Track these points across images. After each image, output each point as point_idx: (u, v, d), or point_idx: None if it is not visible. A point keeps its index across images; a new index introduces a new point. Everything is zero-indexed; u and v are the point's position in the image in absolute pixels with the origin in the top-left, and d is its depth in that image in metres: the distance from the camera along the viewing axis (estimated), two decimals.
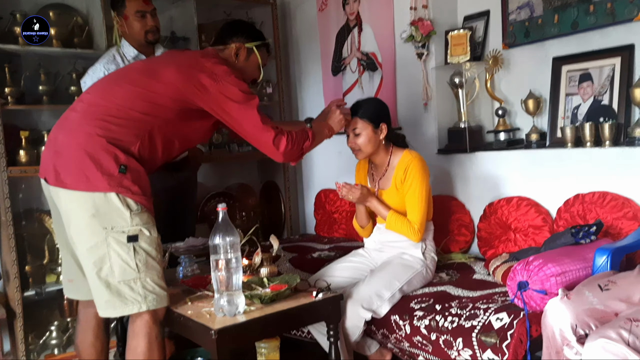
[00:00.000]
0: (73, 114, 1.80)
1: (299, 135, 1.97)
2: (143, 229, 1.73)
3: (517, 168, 2.59)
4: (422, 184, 2.22)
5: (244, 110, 1.86)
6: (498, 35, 2.75)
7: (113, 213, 1.70)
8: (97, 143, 1.71)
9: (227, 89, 1.84)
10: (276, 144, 1.90)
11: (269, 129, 1.89)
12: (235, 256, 1.75)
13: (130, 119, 1.76)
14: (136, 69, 1.90)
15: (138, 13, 2.44)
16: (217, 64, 1.88)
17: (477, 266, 2.48)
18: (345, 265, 2.38)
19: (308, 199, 3.87)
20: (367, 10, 3.20)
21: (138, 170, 1.76)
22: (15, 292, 2.67)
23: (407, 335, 2.04)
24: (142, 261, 1.72)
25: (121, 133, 1.74)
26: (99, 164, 1.69)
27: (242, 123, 1.89)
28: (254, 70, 2.09)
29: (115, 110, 1.76)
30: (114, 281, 1.70)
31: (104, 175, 1.69)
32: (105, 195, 1.69)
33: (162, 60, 1.98)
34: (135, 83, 1.82)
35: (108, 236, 1.69)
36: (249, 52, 2.06)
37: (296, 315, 1.85)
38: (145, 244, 1.73)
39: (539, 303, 1.82)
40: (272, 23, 3.61)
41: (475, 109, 2.83)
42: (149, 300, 1.73)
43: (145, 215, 1.75)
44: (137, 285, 1.71)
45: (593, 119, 2.35)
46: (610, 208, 2.22)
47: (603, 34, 2.37)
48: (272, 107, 3.69)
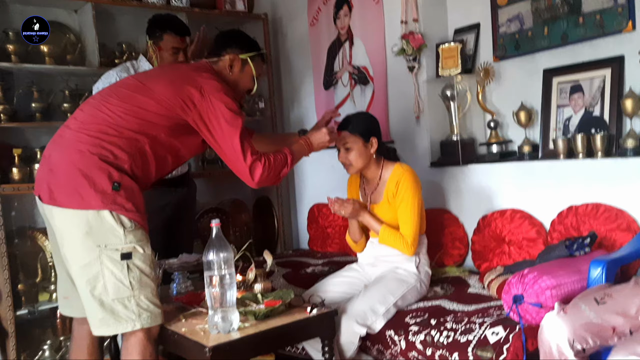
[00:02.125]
0: (67, 131, 1.80)
1: (277, 162, 1.92)
2: (137, 247, 1.72)
3: (510, 180, 2.59)
4: (413, 197, 2.22)
5: (226, 131, 1.83)
6: (489, 48, 2.77)
7: (106, 231, 1.68)
8: (90, 161, 1.70)
9: (214, 105, 1.82)
10: (252, 171, 1.86)
11: (247, 155, 1.85)
12: (229, 272, 1.74)
13: (123, 137, 1.76)
14: (127, 85, 1.89)
15: (174, 49, 2.53)
16: (208, 79, 1.87)
17: (472, 280, 2.47)
18: (339, 280, 2.37)
19: (301, 214, 3.86)
20: (358, 25, 3.23)
21: (132, 188, 1.74)
22: (7, 311, 2.65)
23: (403, 350, 2.02)
24: (135, 279, 1.70)
25: (114, 151, 1.73)
26: (92, 181, 1.68)
27: (222, 144, 1.86)
28: (248, 81, 2.06)
29: (108, 127, 1.75)
30: (107, 299, 1.68)
31: (97, 193, 1.68)
32: (98, 212, 1.68)
33: (153, 76, 1.97)
34: (126, 100, 1.81)
35: (102, 254, 1.68)
36: (243, 63, 2.02)
37: (291, 331, 1.83)
38: (139, 262, 1.72)
39: (535, 316, 1.81)
40: (264, 38, 3.63)
41: (467, 122, 2.84)
42: (143, 318, 1.71)
43: (139, 232, 1.74)
44: (131, 303, 1.69)
45: (585, 131, 2.36)
46: (603, 219, 2.22)
47: (593, 46, 2.39)
48: (265, 122, 3.70)
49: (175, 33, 2.53)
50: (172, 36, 2.53)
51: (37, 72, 2.90)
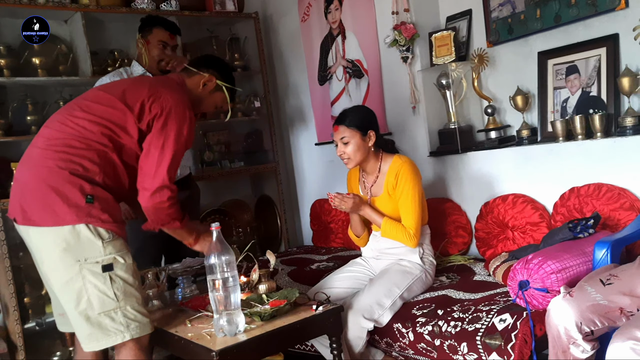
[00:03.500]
0: (35, 150, 1.77)
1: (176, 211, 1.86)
2: (117, 257, 1.71)
3: (510, 165, 2.58)
4: (414, 188, 2.21)
5: (162, 151, 1.78)
6: (482, 34, 2.75)
7: (85, 244, 1.67)
8: (60, 176, 1.68)
9: (168, 125, 1.79)
10: (159, 191, 1.78)
11: (165, 178, 1.78)
12: (232, 275, 1.73)
13: (91, 149, 1.74)
14: (91, 97, 1.87)
15: (161, 43, 2.56)
16: (176, 101, 1.83)
17: (477, 267, 2.47)
18: (344, 275, 2.36)
19: (303, 211, 3.85)
20: (350, 18, 3.21)
21: (106, 199, 1.73)
22: (15, 324, 2.65)
23: (411, 342, 2.02)
24: (120, 290, 1.69)
25: (83, 163, 1.71)
26: (65, 196, 1.66)
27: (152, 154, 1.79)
28: (210, 105, 2.08)
29: (74, 141, 1.73)
30: (93, 314, 1.67)
31: (71, 208, 1.66)
32: (74, 227, 1.66)
33: (118, 86, 1.95)
34: (91, 111, 1.79)
35: (82, 268, 1.67)
36: (217, 87, 2.05)
37: (297, 330, 1.83)
38: (121, 272, 1.71)
39: (541, 301, 1.80)
40: (256, 37, 3.61)
41: (464, 109, 2.83)
42: (132, 329, 1.70)
43: (118, 242, 1.73)
44: (117, 315, 1.68)
45: (583, 111, 2.34)
46: (606, 200, 2.20)
47: (586, 26, 2.37)
48: (261, 121, 3.69)
49: (165, 28, 2.57)
50: (161, 30, 2.56)
51: (30, 84, 2.89)
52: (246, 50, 3.73)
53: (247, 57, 3.73)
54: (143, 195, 1.80)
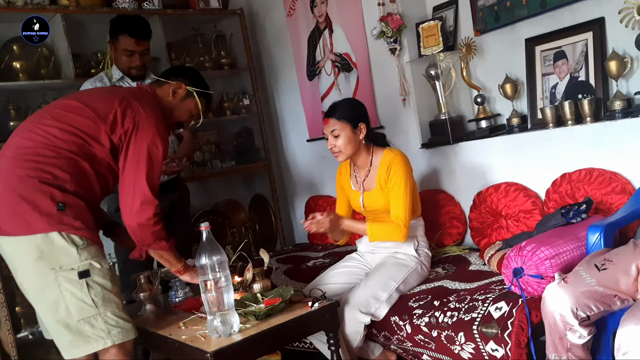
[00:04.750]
0: (4, 159, 1.74)
1: (163, 231, 1.83)
2: (93, 263, 1.68)
3: (501, 154, 2.56)
4: (405, 180, 2.19)
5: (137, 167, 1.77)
6: (469, 23, 2.73)
7: (59, 252, 1.64)
8: (30, 185, 1.65)
9: (139, 140, 1.77)
10: (142, 207, 1.75)
11: (146, 192, 1.76)
12: (224, 275, 1.71)
13: (60, 157, 1.71)
14: (61, 106, 1.83)
15: (127, 51, 2.50)
16: (146, 115, 1.81)
17: (473, 257, 2.46)
18: (340, 271, 2.35)
19: (298, 208, 3.83)
20: (336, 11, 3.18)
21: (78, 206, 1.70)
22: (7, 335, 2.62)
23: (409, 335, 2.01)
24: (98, 296, 1.67)
25: (53, 172, 1.68)
26: (36, 205, 1.64)
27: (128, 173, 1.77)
28: (184, 114, 2.04)
29: (44, 149, 1.70)
30: (72, 322, 1.64)
31: (43, 216, 1.63)
32: (47, 235, 1.64)
33: (91, 95, 1.92)
34: (62, 120, 1.76)
35: (58, 276, 1.64)
36: (188, 94, 2.01)
37: (293, 327, 1.81)
38: (98, 278, 1.68)
39: (536, 288, 1.79)
40: (242, 34, 3.58)
41: (454, 99, 2.81)
42: (114, 335, 1.67)
43: (93, 248, 1.70)
44: (97, 322, 1.66)
45: (572, 97, 2.33)
46: (598, 184, 2.20)
47: (572, 10, 2.35)
48: (251, 118, 3.66)
49: (130, 35, 2.47)
50: (126, 38, 2.48)
51: (13, 89, 2.85)
52: (232, 47, 3.70)
53: (234, 55, 3.70)
54: (127, 215, 1.78)
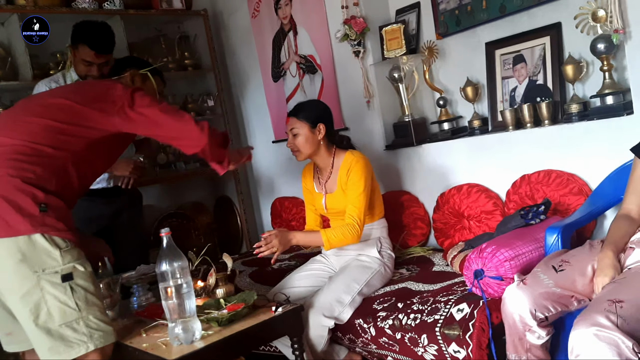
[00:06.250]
0: None
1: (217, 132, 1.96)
2: (77, 265, 1.64)
3: (463, 156, 2.60)
4: (362, 180, 2.18)
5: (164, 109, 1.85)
6: (431, 26, 2.76)
7: (42, 254, 1.60)
8: (11, 184, 1.60)
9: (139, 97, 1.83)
10: (200, 125, 1.86)
11: (187, 115, 1.89)
12: (185, 281, 1.68)
13: (42, 155, 1.67)
14: (39, 102, 1.80)
15: (85, 62, 2.46)
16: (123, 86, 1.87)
17: (436, 258, 2.49)
18: (305, 274, 2.34)
19: (264, 210, 3.81)
20: (300, 13, 3.17)
21: (60, 207, 1.66)
22: None
23: (373, 337, 2.01)
24: (81, 299, 1.63)
25: (35, 171, 1.64)
26: (17, 206, 1.59)
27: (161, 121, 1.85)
28: (151, 94, 2.07)
29: (24, 147, 1.66)
30: (54, 326, 1.60)
31: (25, 217, 1.59)
32: (29, 237, 1.59)
33: (69, 89, 1.93)
34: (41, 115, 1.72)
35: (40, 279, 1.59)
36: (144, 78, 2.13)
37: (257, 333, 1.80)
38: (81, 281, 1.65)
39: (497, 289, 1.82)
40: (206, 35, 3.54)
41: (417, 102, 2.84)
42: (95, 339, 1.64)
43: (75, 251, 1.66)
44: (80, 326, 1.62)
45: (530, 100, 2.38)
46: (555, 186, 2.25)
47: (530, 15, 2.41)
48: (216, 119, 3.63)
49: (90, 47, 2.42)
50: (86, 49, 2.42)
51: None
52: (197, 48, 3.66)
53: (198, 55, 3.65)
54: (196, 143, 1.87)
